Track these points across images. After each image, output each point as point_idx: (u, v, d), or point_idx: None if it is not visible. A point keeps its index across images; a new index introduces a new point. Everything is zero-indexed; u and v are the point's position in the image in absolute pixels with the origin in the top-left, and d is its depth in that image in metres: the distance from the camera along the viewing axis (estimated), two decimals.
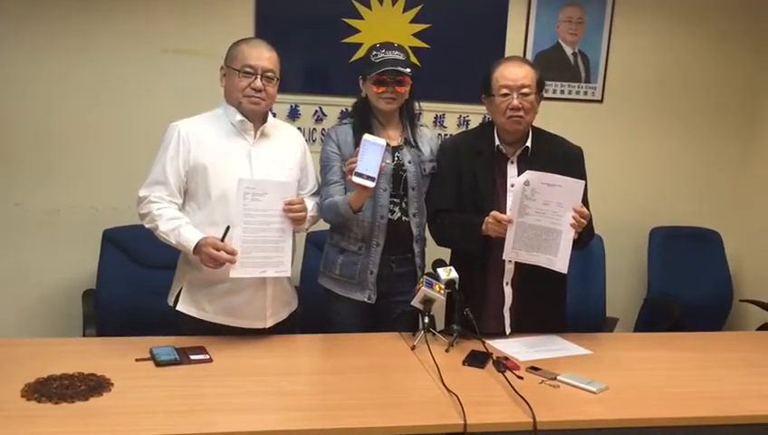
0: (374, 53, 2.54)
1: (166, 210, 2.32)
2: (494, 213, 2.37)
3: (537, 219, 2.36)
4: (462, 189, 2.50)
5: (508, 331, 2.51)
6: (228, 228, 2.26)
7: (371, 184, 2.33)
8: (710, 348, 2.57)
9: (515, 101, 2.42)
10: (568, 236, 2.36)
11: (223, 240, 2.25)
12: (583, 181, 2.37)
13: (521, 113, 2.43)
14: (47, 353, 2.17)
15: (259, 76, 2.35)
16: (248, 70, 2.35)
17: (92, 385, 1.93)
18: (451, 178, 2.52)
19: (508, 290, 2.50)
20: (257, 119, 2.42)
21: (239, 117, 2.39)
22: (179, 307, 2.42)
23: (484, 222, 2.38)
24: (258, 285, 2.40)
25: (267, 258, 2.32)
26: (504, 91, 2.43)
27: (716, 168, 4.00)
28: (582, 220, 2.35)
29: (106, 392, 1.91)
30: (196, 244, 2.26)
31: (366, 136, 2.35)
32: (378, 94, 2.53)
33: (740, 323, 3.91)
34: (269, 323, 2.44)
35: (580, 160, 2.57)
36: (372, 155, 2.32)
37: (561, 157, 2.51)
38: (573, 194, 2.35)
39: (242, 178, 2.28)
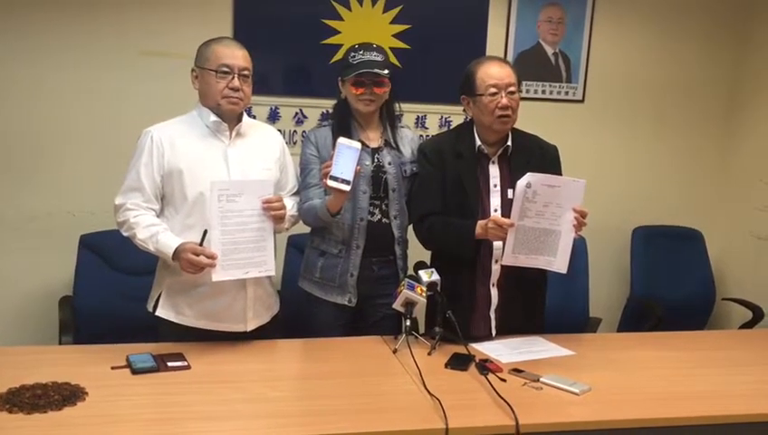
0: (352, 54, 2.52)
1: (142, 217, 2.29)
2: (495, 217, 2.35)
3: (536, 221, 2.34)
4: (446, 192, 2.48)
5: (494, 333, 2.50)
6: (206, 232, 2.23)
7: (347, 187, 2.31)
8: (693, 347, 2.57)
9: (504, 100, 2.41)
10: (568, 236, 2.35)
11: (201, 244, 2.22)
12: (584, 181, 2.35)
13: (509, 112, 2.42)
14: (20, 362, 2.13)
15: (236, 75, 2.32)
16: (225, 69, 2.31)
17: (66, 394, 1.89)
18: (435, 181, 2.50)
19: (494, 291, 2.49)
20: (232, 119, 2.39)
21: (213, 118, 2.36)
22: (158, 312, 2.38)
23: (482, 227, 2.36)
24: (239, 288, 2.37)
25: (249, 259, 2.29)
26: (493, 90, 2.42)
27: (698, 167, 4.01)
28: (584, 221, 2.34)
29: (80, 402, 1.87)
30: (175, 250, 2.23)
31: (340, 139, 2.34)
32: (356, 96, 2.51)
33: (723, 322, 3.92)
34: (250, 327, 2.41)
35: (557, 158, 2.57)
36: (347, 158, 2.30)
37: (539, 156, 2.51)
38: (574, 194, 2.34)
39: (214, 181, 2.26)
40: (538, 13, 3.69)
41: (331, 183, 2.31)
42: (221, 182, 2.28)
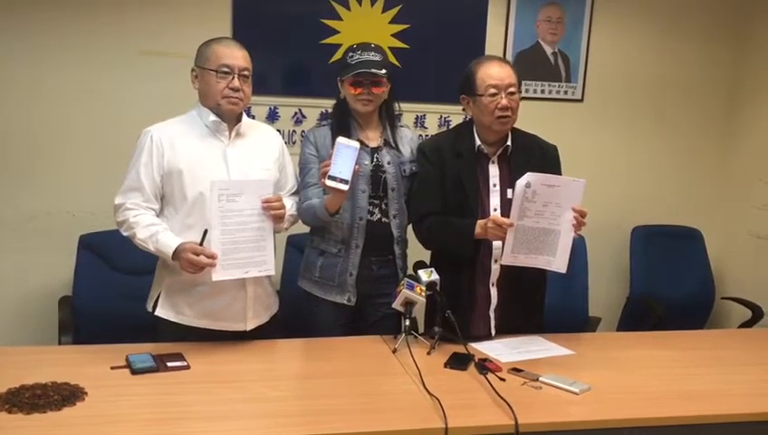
0: (350, 54, 2.53)
1: (142, 217, 2.29)
2: (494, 217, 2.35)
3: (536, 221, 2.34)
4: (446, 191, 2.48)
5: (494, 332, 2.50)
6: (206, 232, 2.23)
7: (345, 187, 2.31)
8: (693, 346, 2.57)
9: (504, 101, 2.41)
10: (567, 236, 2.35)
11: (201, 244, 2.22)
12: (583, 180, 2.34)
13: (509, 113, 2.42)
14: (20, 362, 2.13)
15: (236, 75, 2.32)
16: (225, 70, 2.32)
17: (66, 395, 1.89)
18: (435, 181, 2.50)
19: (494, 291, 2.49)
20: (231, 119, 2.39)
21: (213, 117, 2.36)
22: (158, 312, 2.38)
23: (482, 226, 2.35)
24: (239, 287, 2.37)
25: (249, 258, 2.30)
26: (493, 90, 2.41)
27: (697, 166, 4.01)
28: (584, 220, 2.34)
29: (80, 402, 1.87)
30: (175, 249, 2.23)
31: (339, 139, 2.34)
32: (354, 96, 2.51)
33: (722, 321, 3.93)
34: (249, 326, 2.41)
35: (557, 158, 2.57)
36: (346, 158, 2.30)
37: (538, 155, 2.51)
38: (573, 194, 2.33)
39: (214, 180, 2.26)
40: (537, 12, 3.69)
41: (329, 182, 2.31)
42: (221, 182, 2.28)
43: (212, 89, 2.33)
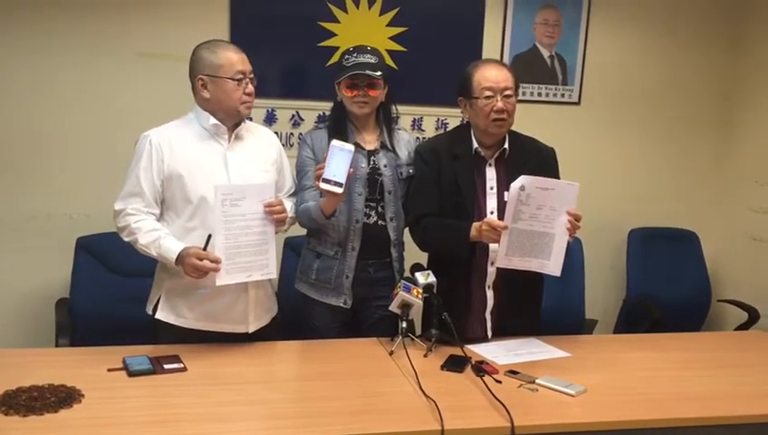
0: (346, 56, 2.54)
1: (144, 222, 2.29)
2: (488, 219, 2.35)
3: (530, 224, 2.33)
4: (443, 194, 2.49)
5: (490, 334, 2.50)
6: (210, 237, 2.23)
7: (339, 190, 2.31)
8: (689, 349, 2.58)
9: (500, 104, 2.41)
10: (561, 239, 2.35)
11: (205, 249, 2.22)
12: (577, 184, 2.35)
13: (504, 115, 2.42)
14: (17, 365, 2.12)
15: (248, 80, 2.33)
16: (240, 76, 2.32)
17: (62, 397, 1.89)
18: (431, 183, 2.50)
19: (490, 293, 2.49)
20: (231, 122, 2.39)
21: (213, 121, 2.36)
22: (158, 315, 2.38)
23: (477, 229, 2.36)
24: (241, 290, 2.37)
25: (252, 262, 2.30)
26: (488, 93, 2.42)
27: (693, 169, 4.02)
28: (578, 224, 2.34)
29: (76, 404, 1.87)
30: (179, 254, 2.23)
31: (333, 142, 2.34)
32: (350, 98, 2.52)
33: (718, 324, 3.93)
34: (252, 328, 2.42)
35: (554, 161, 2.57)
36: (340, 160, 2.31)
37: (536, 158, 2.51)
38: (567, 197, 2.33)
39: (217, 186, 2.25)
40: (534, 15, 3.70)
41: (323, 185, 2.31)
42: (224, 186, 2.28)
43: (231, 97, 2.32)
